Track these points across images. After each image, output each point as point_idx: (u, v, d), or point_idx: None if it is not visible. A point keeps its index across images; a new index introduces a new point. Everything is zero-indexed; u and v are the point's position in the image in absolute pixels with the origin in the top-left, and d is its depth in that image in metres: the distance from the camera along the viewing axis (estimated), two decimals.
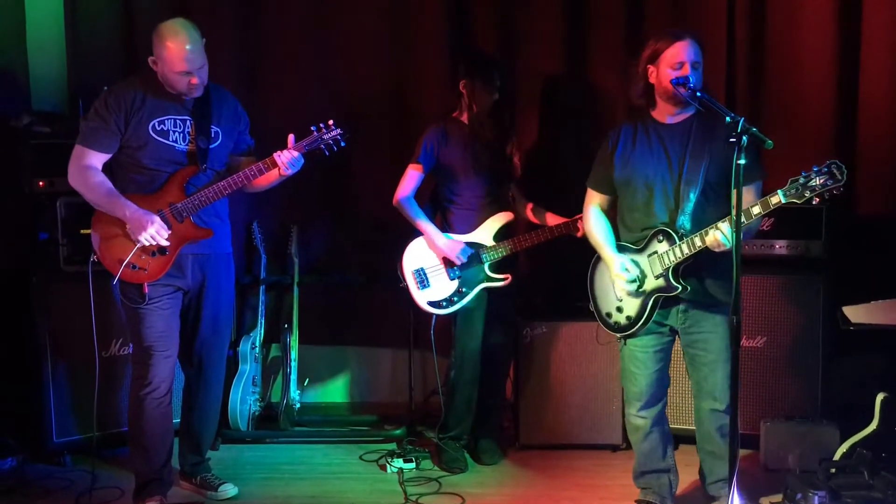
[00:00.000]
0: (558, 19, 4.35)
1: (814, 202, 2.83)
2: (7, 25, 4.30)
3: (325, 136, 3.38)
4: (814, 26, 4.13)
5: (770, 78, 4.22)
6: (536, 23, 4.36)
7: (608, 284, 3.30)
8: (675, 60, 3.06)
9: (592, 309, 3.39)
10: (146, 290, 3.34)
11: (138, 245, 3.29)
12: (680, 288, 3.10)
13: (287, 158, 3.35)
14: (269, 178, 3.46)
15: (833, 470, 3.40)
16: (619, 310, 3.27)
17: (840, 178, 2.77)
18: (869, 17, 4.06)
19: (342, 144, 3.41)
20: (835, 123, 4.16)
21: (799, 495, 3.31)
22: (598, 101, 4.37)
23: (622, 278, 3.17)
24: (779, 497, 3.46)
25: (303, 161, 3.40)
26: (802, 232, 3.90)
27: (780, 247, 3.94)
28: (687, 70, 3.04)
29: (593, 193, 3.36)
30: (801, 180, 2.82)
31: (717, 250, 2.97)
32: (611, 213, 3.37)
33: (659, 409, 3.33)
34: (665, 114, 3.17)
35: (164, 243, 3.30)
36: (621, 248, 3.26)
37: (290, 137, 3.39)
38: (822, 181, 2.79)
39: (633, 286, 3.17)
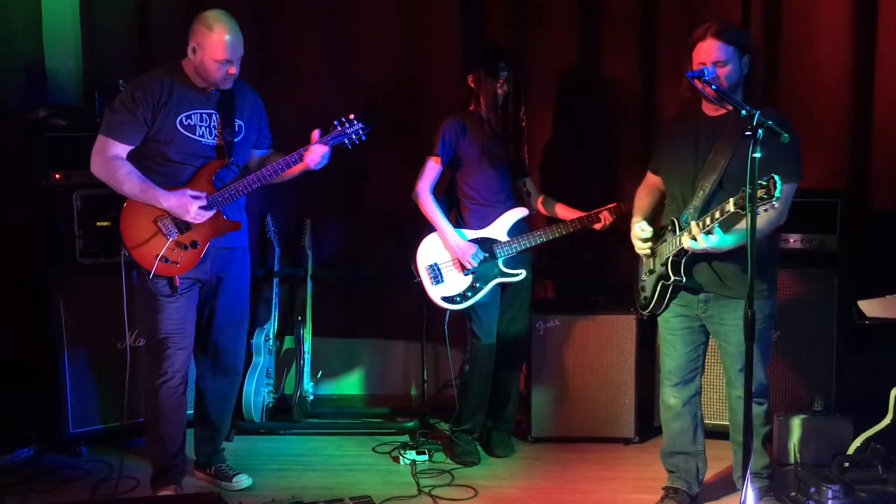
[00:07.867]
0: (572, 12, 4.34)
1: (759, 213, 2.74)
2: (23, 19, 4.32)
3: (349, 131, 3.45)
4: (830, 20, 4.09)
5: (785, 72, 4.19)
6: (550, 16, 4.35)
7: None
8: (697, 61, 3.08)
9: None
10: (177, 283, 3.37)
11: (171, 238, 3.33)
12: (674, 279, 3.15)
13: (316, 157, 3.40)
14: (292, 172, 3.50)
15: (847, 464, 3.40)
16: (643, 288, 3.36)
17: (770, 194, 2.67)
18: (885, 10, 4.03)
19: (363, 139, 3.47)
20: (850, 117, 4.13)
21: (812, 489, 3.31)
22: (612, 94, 4.36)
23: (637, 236, 3.29)
24: (792, 491, 3.46)
25: (330, 154, 3.45)
26: (817, 226, 3.88)
27: (794, 241, 3.92)
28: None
29: (648, 174, 3.46)
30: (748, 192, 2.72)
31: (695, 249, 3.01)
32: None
33: (691, 392, 3.36)
34: (708, 106, 3.20)
35: (209, 214, 3.34)
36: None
37: (315, 133, 3.43)
38: (760, 194, 2.70)
39: (646, 246, 3.26)
